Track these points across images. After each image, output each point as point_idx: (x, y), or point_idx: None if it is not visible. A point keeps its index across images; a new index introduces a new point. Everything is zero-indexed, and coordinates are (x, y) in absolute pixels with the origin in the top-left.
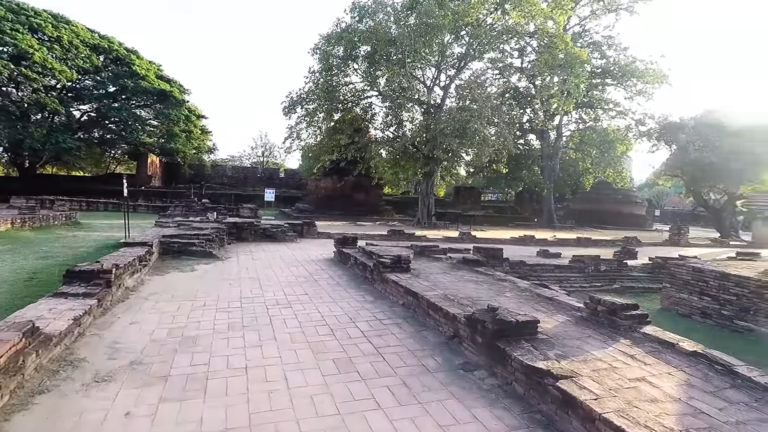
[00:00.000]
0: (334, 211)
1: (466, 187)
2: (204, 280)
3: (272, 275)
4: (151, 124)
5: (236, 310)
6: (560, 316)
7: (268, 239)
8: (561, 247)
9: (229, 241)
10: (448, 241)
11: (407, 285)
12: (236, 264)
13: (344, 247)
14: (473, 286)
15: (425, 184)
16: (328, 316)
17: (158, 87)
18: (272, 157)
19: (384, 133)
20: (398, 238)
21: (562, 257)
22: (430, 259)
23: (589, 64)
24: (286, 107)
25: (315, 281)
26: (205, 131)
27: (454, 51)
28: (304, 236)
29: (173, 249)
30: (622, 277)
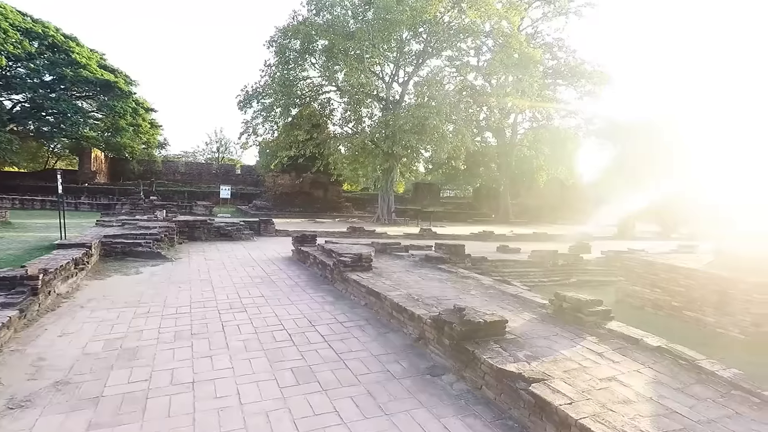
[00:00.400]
0: (293, 208)
1: (425, 184)
2: (150, 283)
3: (226, 276)
4: (95, 117)
5: (185, 317)
6: (527, 314)
7: (223, 238)
8: (519, 243)
9: (180, 240)
10: (409, 237)
11: (369, 285)
12: (187, 265)
13: (303, 245)
14: (438, 284)
15: (385, 181)
16: (286, 320)
17: (101, 77)
18: (228, 153)
19: (343, 128)
20: (358, 235)
21: (522, 252)
22: (393, 257)
23: (542, 64)
24: (241, 101)
25: (272, 282)
26: (155, 125)
27: (412, 48)
28: (262, 234)
29: (116, 250)
30: (578, 272)
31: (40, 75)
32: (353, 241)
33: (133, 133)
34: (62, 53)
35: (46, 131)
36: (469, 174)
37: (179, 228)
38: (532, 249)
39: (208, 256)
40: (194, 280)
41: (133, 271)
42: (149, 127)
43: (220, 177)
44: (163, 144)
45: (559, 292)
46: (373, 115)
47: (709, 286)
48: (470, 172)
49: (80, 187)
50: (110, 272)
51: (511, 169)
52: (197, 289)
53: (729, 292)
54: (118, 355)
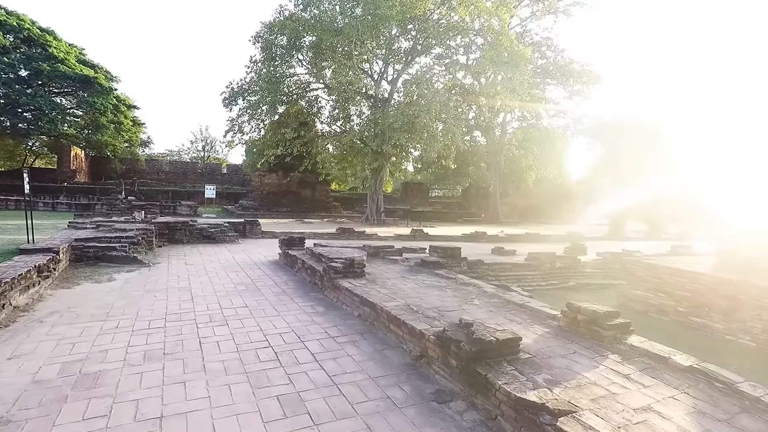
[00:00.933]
0: (280, 208)
1: (414, 184)
2: (122, 292)
3: (207, 284)
4: (75, 114)
5: (158, 332)
6: (537, 327)
7: (206, 240)
8: (512, 244)
9: (159, 243)
10: (401, 239)
11: (363, 294)
12: (165, 271)
13: (290, 248)
14: (437, 292)
15: (374, 181)
16: (273, 335)
17: (80, 72)
18: (214, 152)
19: (331, 127)
20: (348, 236)
21: (517, 254)
22: (386, 261)
23: (532, 63)
24: (227, 98)
25: (257, 290)
26: (138, 123)
27: (401, 45)
28: (247, 236)
29: (89, 255)
30: (576, 274)
31: (15, 70)
32: (343, 243)
33: (114, 130)
34: (39, 47)
35: (22, 128)
36: (458, 173)
37: (159, 230)
38: (526, 250)
39: (189, 260)
40: (172, 288)
41: (106, 278)
42: (131, 124)
43: (205, 176)
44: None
45: (572, 303)
46: (361, 113)
47: (718, 291)
48: (459, 172)
49: (59, 186)
50: (80, 279)
51: (500, 168)
52: (174, 299)
53: (738, 297)
54: (75, 383)
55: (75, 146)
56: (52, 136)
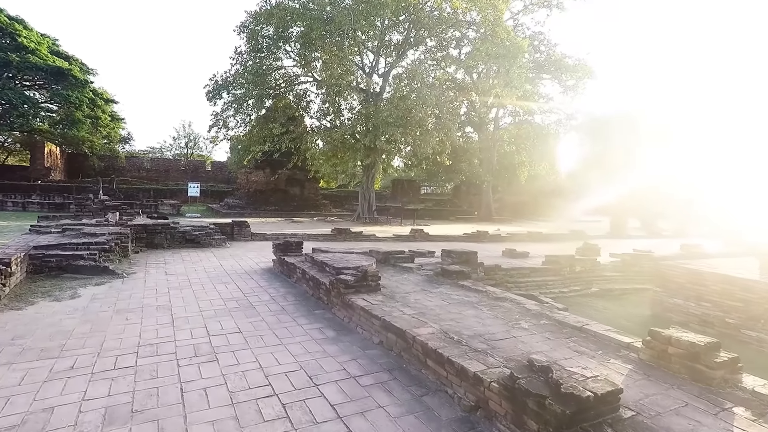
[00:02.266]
0: (268, 206)
1: (404, 180)
2: (87, 313)
3: (191, 300)
4: (48, 109)
5: (126, 375)
6: (615, 362)
7: (190, 245)
8: (518, 243)
9: (137, 249)
10: (400, 240)
11: (385, 315)
12: (142, 283)
13: (287, 254)
14: (471, 311)
15: (366, 177)
16: (276, 375)
17: (53, 63)
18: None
19: (320, 122)
20: (344, 237)
21: (531, 257)
22: (398, 270)
23: (529, 55)
24: (210, 92)
25: (251, 307)
26: (117, 118)
27: (393, 37)
28: (235, 239)
29: (50, 265)
30: (597, 278)
31: None
32: (344, 247)
33: (91, 126)
34: (7, 37)
35: None
36: (450, 170)
37: (136, 233)
38: (535, 251)
39: (171, 269)
40: (148, 307)
41: (68, 293)
42: (110, 119)
43: (188, 174)
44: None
45: (657, 330)
46: (353, 107)
47: None
48: (452, 168)
49: (32, 184)
50: (36, 297)
51: (493, 165)
52: (151, 322)
53: None
54: None
55: (50, 142)
56: (24, 131)
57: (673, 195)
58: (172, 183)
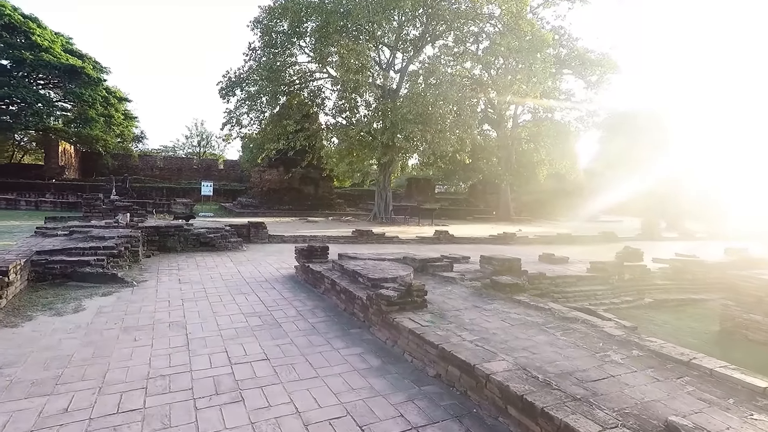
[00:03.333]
0: (281, 206)
1: (418, 179)
2: (90, 332)
3: (208, 314)
4: (62, 107)
5: (131, 423)
6: (762, 418)
7: (204, 248)
8: (546, 246)
9: (148, 253)
10: (424, 242)
11: (443, 343)
12: (153, 293)
13: (311, 261)
14: (543, 337)
15: (382, 176)
16: (318, 426)
17: (66, 62)
18: (210, 147)
19: (336, 119)
20: (367, 240)
21: (570, 262)
22: (439, 280)
23: (554, 48)
24: (223, 89)
25: (277, 325)
26: (130, 116)
27: (410, 32)
28: (252, 241)
29: (54, 272)
30: (649, 287)
31: None
32: (370, 251)
33: (104, 124)
34: (21, 35)
35: (4, 122)
36: (467, 168)
37: (147, 236)
38: (571, 255)
39: (184, 275)
40: (160, 323)
41: (72, 306)
42: (123, 118)
43: (201, 172)
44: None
45: None
46: (369, 104)
47: None
48: (469, 167)
49: (46, 183)
50: (35, 310)
51: (512, 163)
52: (163, 344)
53: None
54: None
55: (64, 141)
56: (39, 130)
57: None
58: (185, 182)
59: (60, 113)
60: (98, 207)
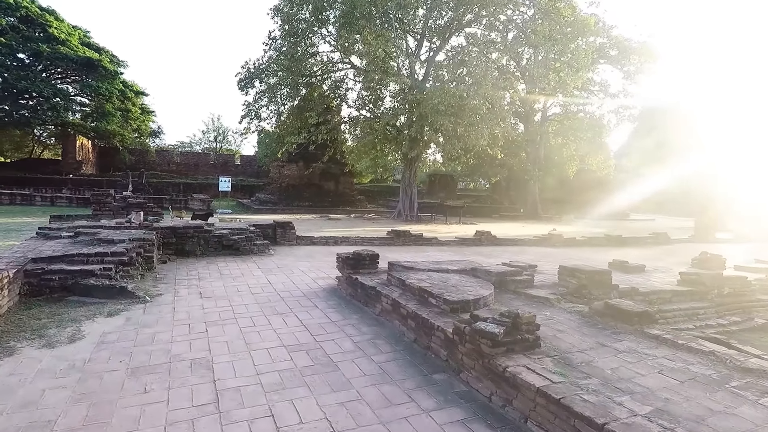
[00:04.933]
0: (301, 202)
1: (440, 175)
2: (86, 376)
3: (240, 347)
4: (81, 102)
5: None
6: None
7: (227, 251)
8: (600, 249)
9: (164, 258)
10: (466, 243)
11: (608, 422)
12: (170, 313)
13: (359, 272)
14: (747, 409)
15: (408, 172)
16: None
17: (83, 54)
18: (226, 142)
19: (359, 112)
20: (404, 241)
21: (648, 270)
22: (526, 300)
23: (595, 35)
24: (242, 80)
25: (332, 365)
26: (147, 111)
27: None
28: (278, 243)
29: (52, 285)
30: (755, 304)
31: (12, 51)
32: (414, 255)
33: (121, 118)
34: (38, 28)
35: (22, 116)
36: (494, 164)
37: (163, 238)
38: (636, 260)
39: (207, 288)
40: (179, 362)
41: (68, 332)
42: (140, 112)
43: (218, 168)
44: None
45: None
46: (396, 95)
47: None
48: (494, 162)
49: (63, 178)
50: (22, 338)
51: (540, 158)
52: (182, 399)
53: None
54: None
55: (81, 136)
56: (56, 125)
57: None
58: (202, 177)
59: (78, 108)
60: (109, 204)
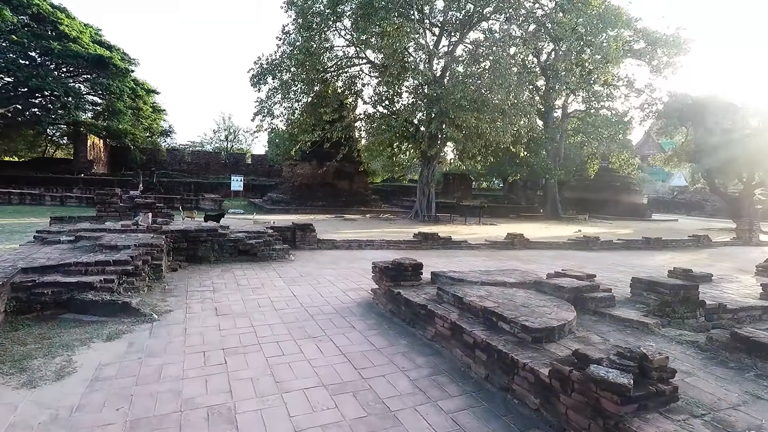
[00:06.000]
0: (315, 202)
1: (456, 174)
2: (73, 427)
3: (269, 389)
4: (93, 102)
5: None
6: None
7: (243, 257)
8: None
9: (174, 265)
10: (497, 247)
11: None
12: (181, 336)
13: (401, 285)
14: None
15: (427, 170)
16: None
17: (94, 52)
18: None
19: (376, 108)
20: (432, 244)
21: (716, 281)
22: (616, 325)
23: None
24: (255, 76)
25: (390, 417)
26: (158, 109)
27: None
28: (298, 247)
29: (43, 300)
30: None
31: (24, 49)
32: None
33: (132, 116)
34: (49, 25)
35: (33, 115)
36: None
37: (174, 242)
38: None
39: (223, 302)
40: (192, 412)
41: (57, 363)
42: (151, 110)
43: (229, 167)
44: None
45: None
46: (414, 90)
47: None
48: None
49: (74, 178)
50: (2, 370)
51: (560, 156)
52: None
53: None
54: None
55: (93, 135)
56: (68, 123)
57: None
58: (213, 176)
59: (90, 107)
60: (115, 205)
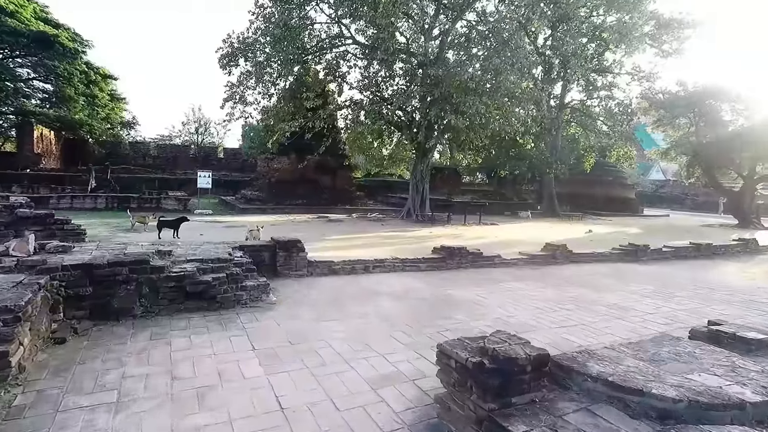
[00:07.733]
0: (294, 200)
1: (444, 169)
2: None
3: None
4: (44, 90)
5: None
6: None
7: (194, 304)
8: (708, 265)
9: (62, 332)
10: (536, 262)
11: None
12: None
13: (513, 404)
14: None
15: (421, 165)
16: None
17: (36, 28)
18: (208, 134)
19: (363, 94)
20: (459, 263)
21: None
22: None
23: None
24: (224, 56)
25: None
26: (117, 98)
27: None
28: (280, 274)
29: None
30: None
31: None
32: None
33: (87, 105)
34: None
35: None
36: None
37: (68, 286)
38: None
39: None
40: None
41: None
42: (109, 99)
43: (199, 162)
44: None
45: None
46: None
47: None
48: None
49: (18, 174)
50: None
51: (557, 149)
52: None
53: None
54: None
55: (43, 126)
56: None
57: None
58: (181, 172)
59: (35, 93)
60: None
